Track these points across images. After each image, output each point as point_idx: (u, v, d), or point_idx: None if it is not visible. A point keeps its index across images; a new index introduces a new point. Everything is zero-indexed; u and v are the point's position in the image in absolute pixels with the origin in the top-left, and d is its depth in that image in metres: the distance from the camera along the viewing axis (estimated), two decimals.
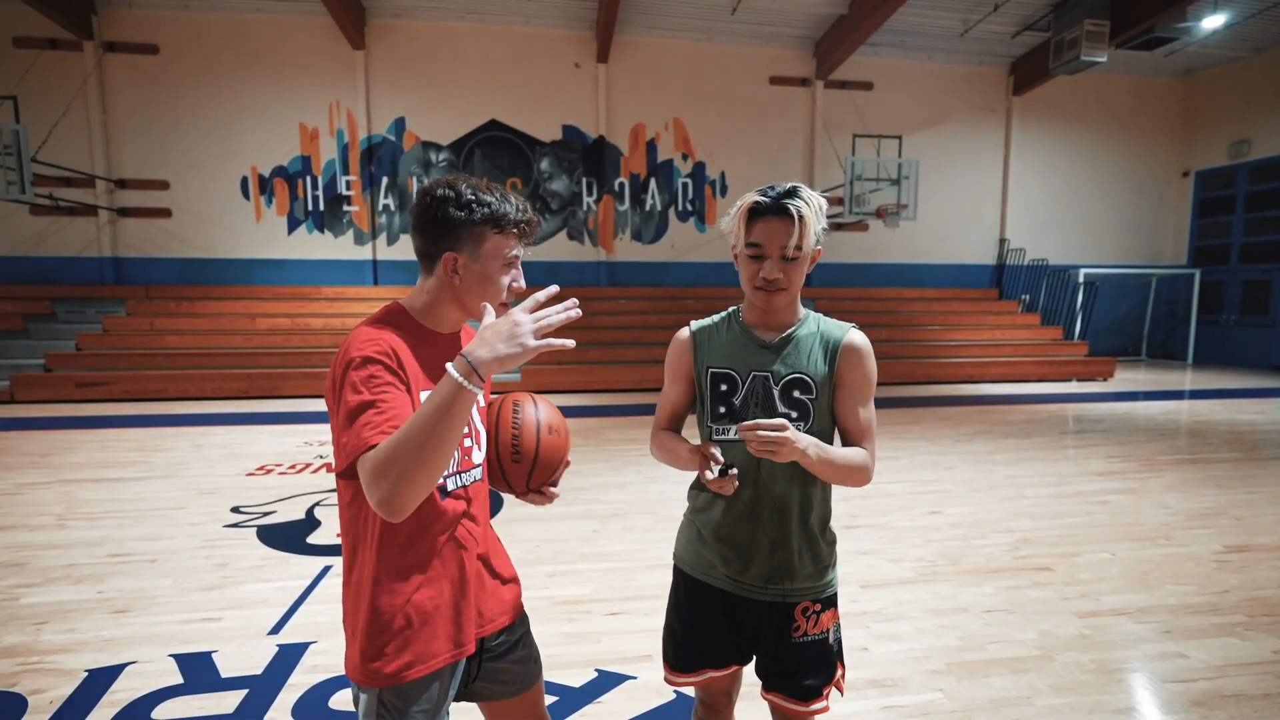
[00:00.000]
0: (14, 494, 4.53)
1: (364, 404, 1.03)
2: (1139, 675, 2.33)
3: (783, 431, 1.13)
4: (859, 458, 1.28)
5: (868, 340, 1.34)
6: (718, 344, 1.39)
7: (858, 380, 1.32)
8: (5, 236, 11.06)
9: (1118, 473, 5.16)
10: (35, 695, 2.19)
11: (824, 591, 1.37)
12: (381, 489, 0.96)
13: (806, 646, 1.34)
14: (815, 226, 1.26)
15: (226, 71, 11.42)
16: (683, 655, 1.42)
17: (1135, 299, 15.02)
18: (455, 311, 1.22)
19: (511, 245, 1.19)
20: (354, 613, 1.17)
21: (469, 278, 1.17)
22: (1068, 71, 11.57)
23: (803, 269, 1.29)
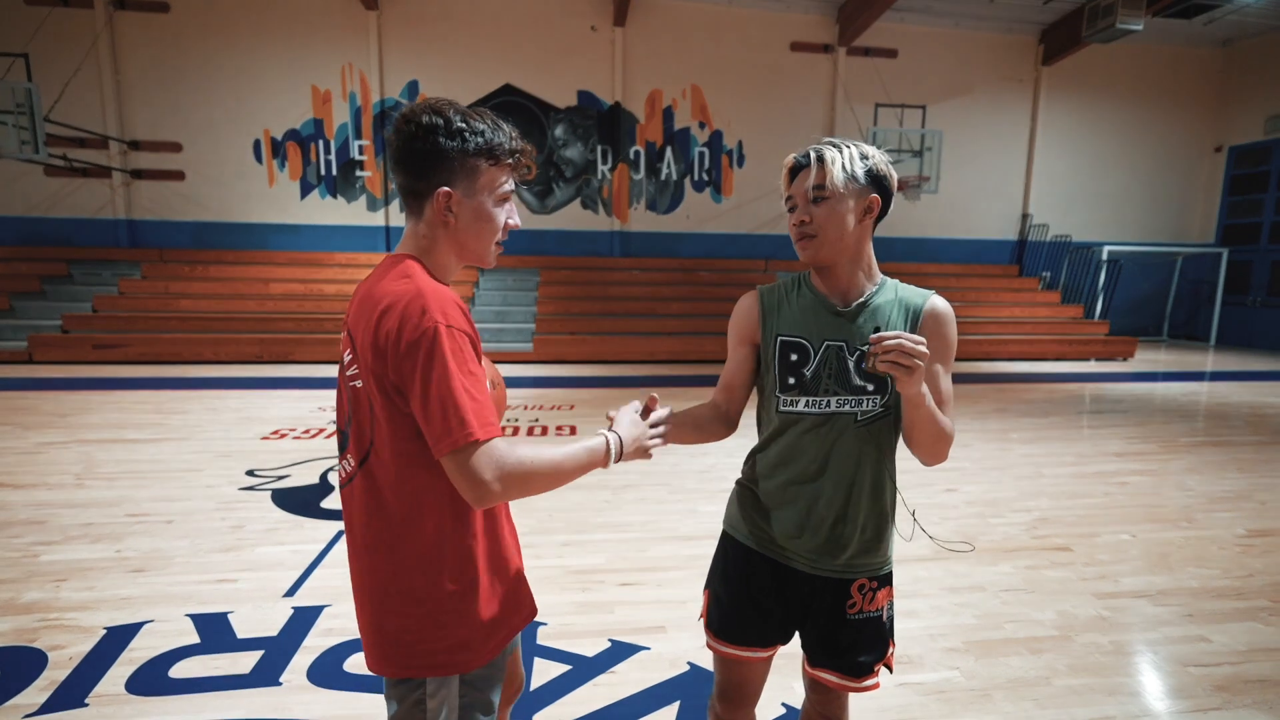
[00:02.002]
0: (34, 453, 4.58)
1: (466, 387, 0.95)
2: (1160, 658, 2.29)
3: (923, 348, 1.07)
4: (950, 425, 1.21)
5: (950, 307, 1.26)
6: (788, 310, 1.30)
7: (940, 348, 1.24)
8: (21, 197, 11.07)
9: (1137, 454, 5.08)
10: (55, 651, 2.22)
11: (882, 569, 1.32)
12: (498, 484, 0.95)
13: (863, 624, 1.30)
14: (846, 165, 1.19)
15: (238, 31, 11.24)
16: (729, 624, 1.36)
17: (1159, 278, 14.68)
18: (452, 258, 1.09)
19: (506, 178, 1.08)
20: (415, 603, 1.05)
21: (464, 215, 1.05)
22: (1101, 40, 11.15)
23: (838, 214, 1.20)
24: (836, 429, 1.25)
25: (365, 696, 2.01)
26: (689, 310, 10.98)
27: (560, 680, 2.12)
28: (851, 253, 1.25)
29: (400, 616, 1.05)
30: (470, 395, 0.95)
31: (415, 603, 1.05)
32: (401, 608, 1.05)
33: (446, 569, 1.05)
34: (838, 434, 1.25)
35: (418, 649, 1.05)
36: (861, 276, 1.27)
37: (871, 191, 1.22)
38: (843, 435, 1.25)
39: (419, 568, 1.04)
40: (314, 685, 2.06)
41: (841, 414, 1.25)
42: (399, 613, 1.05)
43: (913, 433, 1.19)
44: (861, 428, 1.25)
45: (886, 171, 1.24)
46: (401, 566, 1.05)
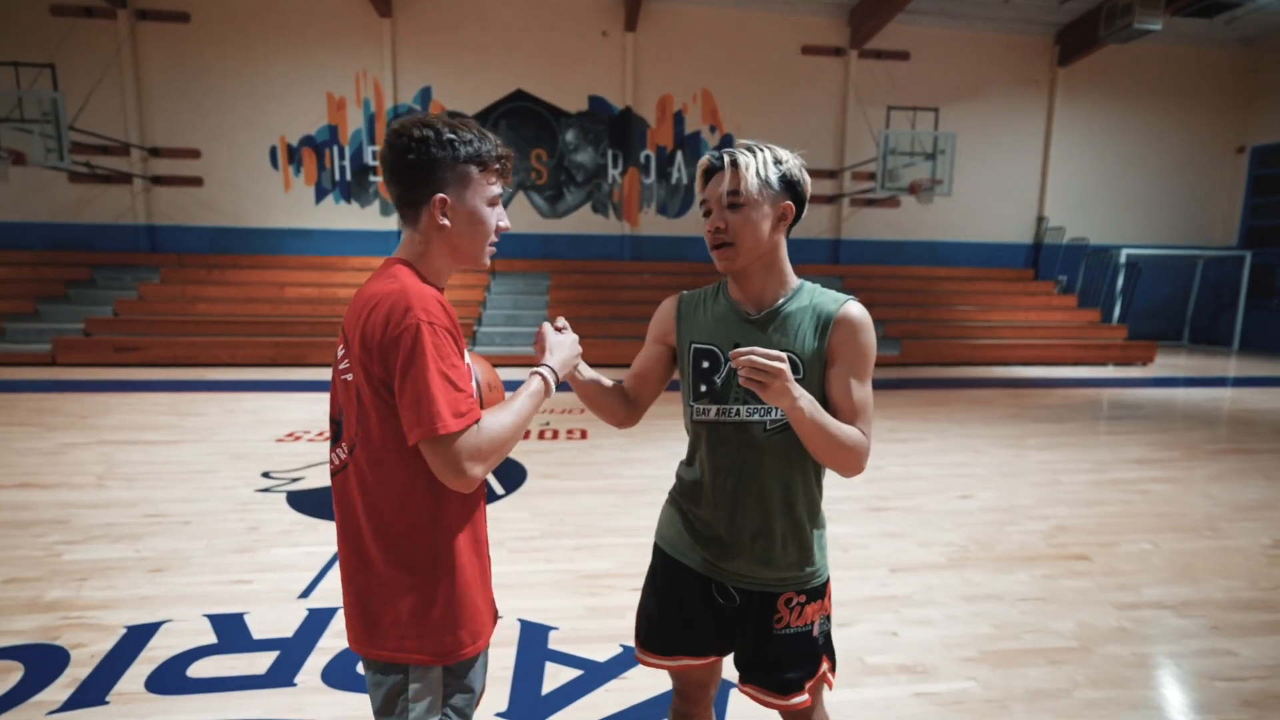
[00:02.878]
0: (57, 453, 4.66)
1: (447, 377, 1.00)
2: (1184, 672, 2.25)
3: (780, 363, 1.05)
4: (855, 435, 1.16)
5: (866, 313, 1.22)
6: (702, 317, 1.31)
7: (851, 355, 1.20)
8: (46, 203, 11.30)
9: (1158, 461, 4.99)
10: (77, 649, 2.25)
11: (809, 582, 1.28)
12: (477, 468, 1.01)
13: (789, 639, 1.27)
14: (760, 171, 1.17)
15: (255, 40, 11.41)
16: (656, 637, 1.36)
17: (1179, 281, 14.45)
18: (447, 262, 1.15)
19: (494, 182, 1.14)
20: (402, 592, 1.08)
21: (458, 219, 1.11)
22: (1119, 40, 11.03)
23: (752, 222, 1.18)
24: (747, 438, 1.23)
25: None
26: None
27: (572, 685, 2.11)
28: (765, 260, 1.23)
29: (386, 603, 1.09)
30: (447, 386, 1.00)
31: (402, 591, 1.08)
32: (387, 595, 1.09)
33: (432, 559, 1.09)
34: (749, 444, 1.23)
35: (404, 637, 1.08)
36: (775, 284, 1.25)
37: (786, 198, 1.21)
38: (753, 445, 1.23)
39: (405, 557, 1.08)
40: (328, 686, 2.08)
41: (751, 423, 1.23)
42: (385, 600, 1.09)
43: (805, 443, 1.16)
44: (771, 437, 1.22)
45: (800, 177, 1.22)
46: (388, 555, 1.08)
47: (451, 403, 0.99)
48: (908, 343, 10.66)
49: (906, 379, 9.00)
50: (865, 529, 3.50)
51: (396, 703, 1.10)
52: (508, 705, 2.00)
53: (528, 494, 3.98)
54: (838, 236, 13.21)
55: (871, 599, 2.71)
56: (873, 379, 1.22)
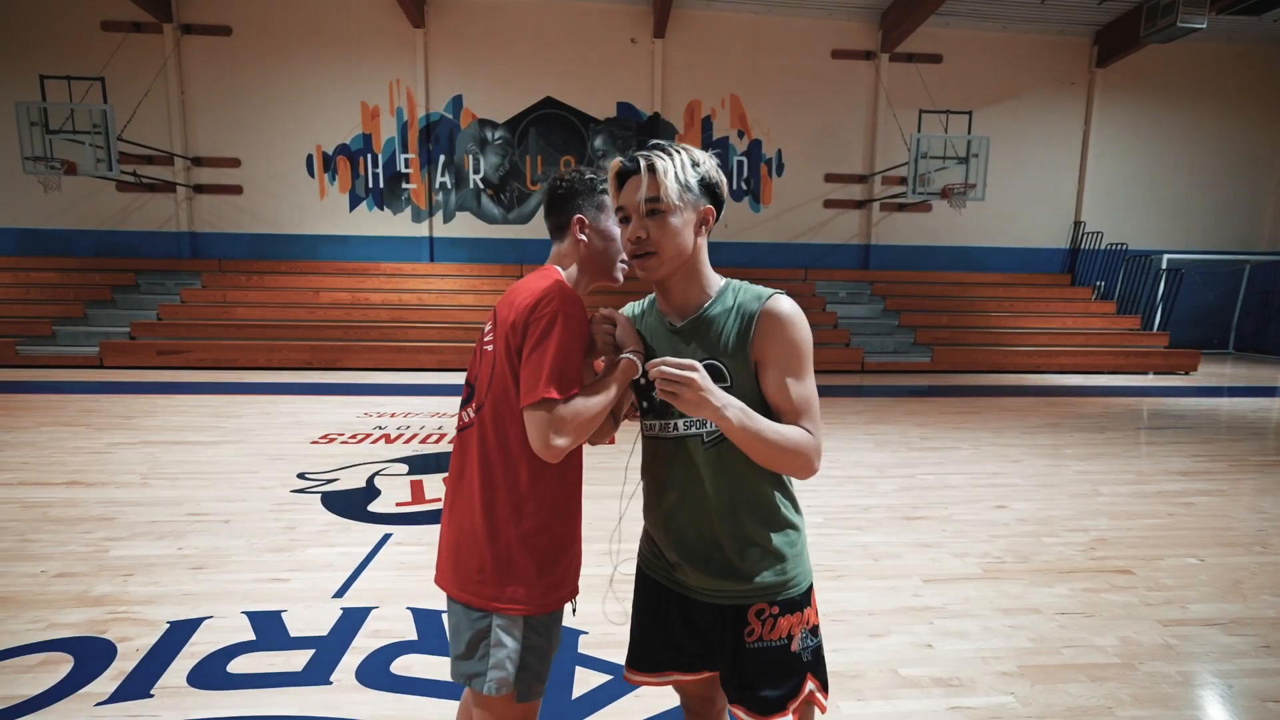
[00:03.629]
0: (104, 453, 4.84)
1: (567, 358, 1.16)
2: (1234, 692, 2.16)
3: (689, 372, 1.02)
4: (798, 436, 1.10)
5: (793, 305, 1.16)
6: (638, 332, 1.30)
7: (781, 352, 1.14)
8: (95, 211, 11.75)
9: (1203, 473, 4.82)
10: (123, 643, 2.33)
11: (780, 593, 1.21)
12: (568, 438, 1.14)
13: (763, 653, 1.20)
14: (679, 175, 1.13)
15: (294, 51, 11.74)
16: (640, 655, 1.34)
17: (1224, 287, 13.96)
18: (587, 277, 1.34)
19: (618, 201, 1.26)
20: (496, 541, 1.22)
21: (594, 236, 1.31)
22: (1161, 40, 10.72)
23: (674, 229, 1.14)
24: (687, 453, 1.21)
25: (412, 699, 2.05)
26: None
27: (602, 690, 2.12)
28: (686, 268, 1.19)
29: (479, 552, 1.22)
30: (564, 365, 1.15)
31: (497, 543, 1.22)
32: (482, 545, 1.22)
33: (528, 515, 1.22)
34: (689, 458, 1.20)
35: (490, 584, 1.21)
36: (697, 290, 1.21)
37: (705, 201, 1.18)
38: (695, 458, 1.20)
39: (505, 513, 1.22)
40: (363, 685, 2.11)
41: (689, 436, 1.20)
42: (478, 548, 1.23)
43: (744, 451, 1.11)
44: (710, 449, 1.19)
45: (718, 178, 1.19)
46: (490, 509, 1.22)
47: (560, 377, 1.15)
48: (939, 350, 10.48)
49: (938, 386, 8.83)
50: (898, 538, 3.44)
51: (479, 648, 1.21)
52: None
53: None
54: (868, 242, 13.06)
55: (905, 609, 2.67)
56: (906, 385, 1.19)
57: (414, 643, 2.37)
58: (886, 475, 4.61)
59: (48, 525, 3.41)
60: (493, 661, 1.20)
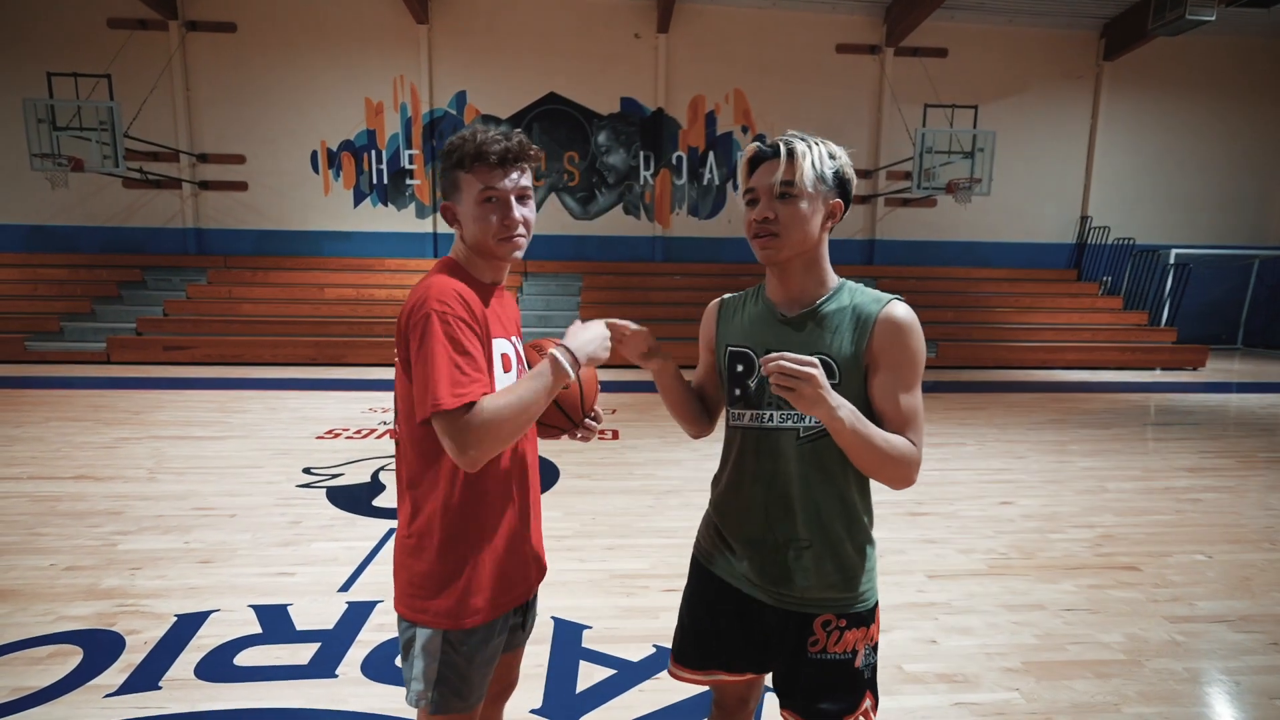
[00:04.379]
0: (112, 448, 4.87)
1: (455, 358, 1.08)
2: (1242, 689, 2.15)
3: (810, 368, 0.99)
4: (903, 446, 1.08)
5: (913, 314, 1.13)
6: (740, 319, 1.27)
7: (896, 360, 1.11)
8: (102, 208, 11.80)
9: (1211, 469, 4.79)
10: (132, 636, 2.34)
11: (851, 606, 1.19)
12: (479, 447, 1.05)
13: (826, 665, 1.18)
14: (816, 164, 1.12)
15: (298, 48, 11.74)
16: (688, 651, 1.32)
17: (1233, 282, 13.84)
18: (479, 259, 1.23)
19: (484, 180, 1.15)
20: (418, 559, 1.19)
21: (465, 222, 1.19)
22: (1169, 33, 10.62)
23: (802, 214, 1.12)
24: (779, 447, 1.18)
25: None
26: None
27: (605, 684, 2.12)
28: (807, 258, 1.17)
29: (406, 566, 1.21)
30: (452, 368, 1.07)
31: (414, 554, 1.19)
32: (406, 558, 1.21)
33: (441, 530, 1.18)
34: (780, 452, 1.17)
35: (414, 597, 1.19)
36: (814, 283, 1.19)
37: (836, 195, 1.15)
38: (785, 453, 1.17)
39: (421, 525, 1.19)
40: (368, 679, 2.12)
41: (784, 430, 1.17)
42: (405, 563, 1.21)
43: (848, 455, 1.08)
44: (804, 445, 1.16)
45: (851, 175, 1.17)
46: (409, 521, 1.21)
47: (452, 383, 1.06)
48: (944, 345, 10.43)
49: (943, 382, 8.80)
50: (902, 534, 3.44)
51: (409, 651, 1.22)
52: (542, 702, 2.01)
53: (560, 493, 4.01)
54: (872, 237, 13.00)
55: (910, 606, 2.66)
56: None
57: None
58: None
59: (56, 519, 3.43)
60: (413, 672, 1.20)
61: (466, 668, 1.19)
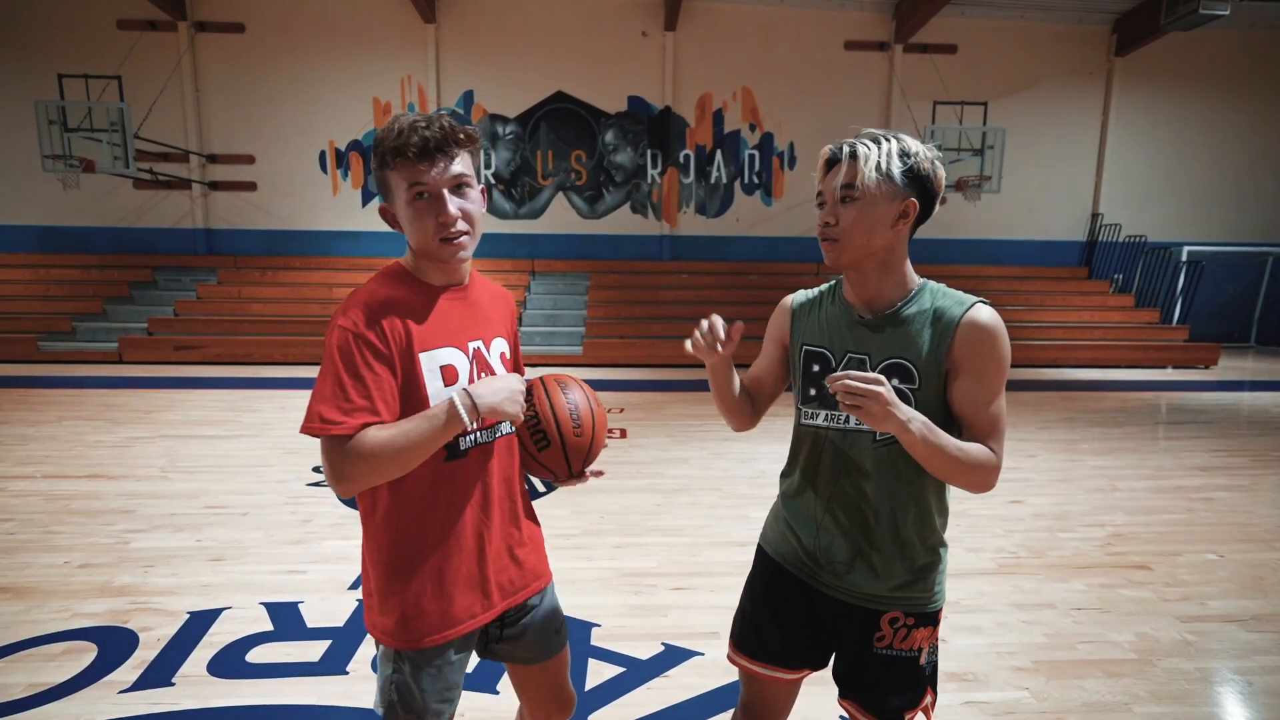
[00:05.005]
0: (124, 447, 4.91)
1: (345, 380, 1.02)
2: (1255, 689, 2.14)
3: (877, 386, 0.98)
4: (980, 454, 1.06)
5: (998, 318, 1.09)
6: (816, 318, 1.26)
7: (980, 365, 1.09)
8: (112, 209, 11.91)
9: (1223, 468, 4.75)
10: (145, 633, 2.37)
11: (921, 606, 1.19)
12: (352, 479, 1.02)
13: (891, 661, 1.19)
14: (881, 164, 1.08)
15: (306, 48, 11.80)
16: (749, 636, 1.32)
17: (1246, 280, 13.69)
18: (424, 261, 1.15)
19: (409, 176, 1.06)
20: (370, 574, 1.18)
21: (403, 224, 1.11)
22: (1182, 28, 10.50)
23: (866, 217, 1.10)
24: (855, 448, 1.18)
25: None
26: (739, 314, 10.59)
27: (614, 682, 2.13)
28: (880, 259, 1.15)
29: (366, 584, 1.21)
30: (336, 391, 1.01)
31: (368, 574, 1.19)
32: (365, 578, 1.21)
33: (384, 552, 1.15)
34: (856, 454, 1.17)
35: (370, 610, 1.19)
36: (891, 285, 1.16)
37: (909, 195, 1.11)
38: (860, 455, 1.17)
39: (369, 544, 1.18)
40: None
41: (861, 432, 1.17)
42: (365, 582, 1.21)
43: (924, 465, 1.08)
44: (880, 448, 1.15)
45: (929, 171, 1.12)
46: (365, 543, 1.20)
47: (329, 408, 1.00)
48: None
49: None
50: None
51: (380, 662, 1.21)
52: None
53: (568, 492, 4.02)
54: None
55: None
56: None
57: None
58: None
59: (70, 517, 3.47)
60: (379, 678, 1.19)
61: (415, 686, 1.15)
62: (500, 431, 1.21)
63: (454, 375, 1.13)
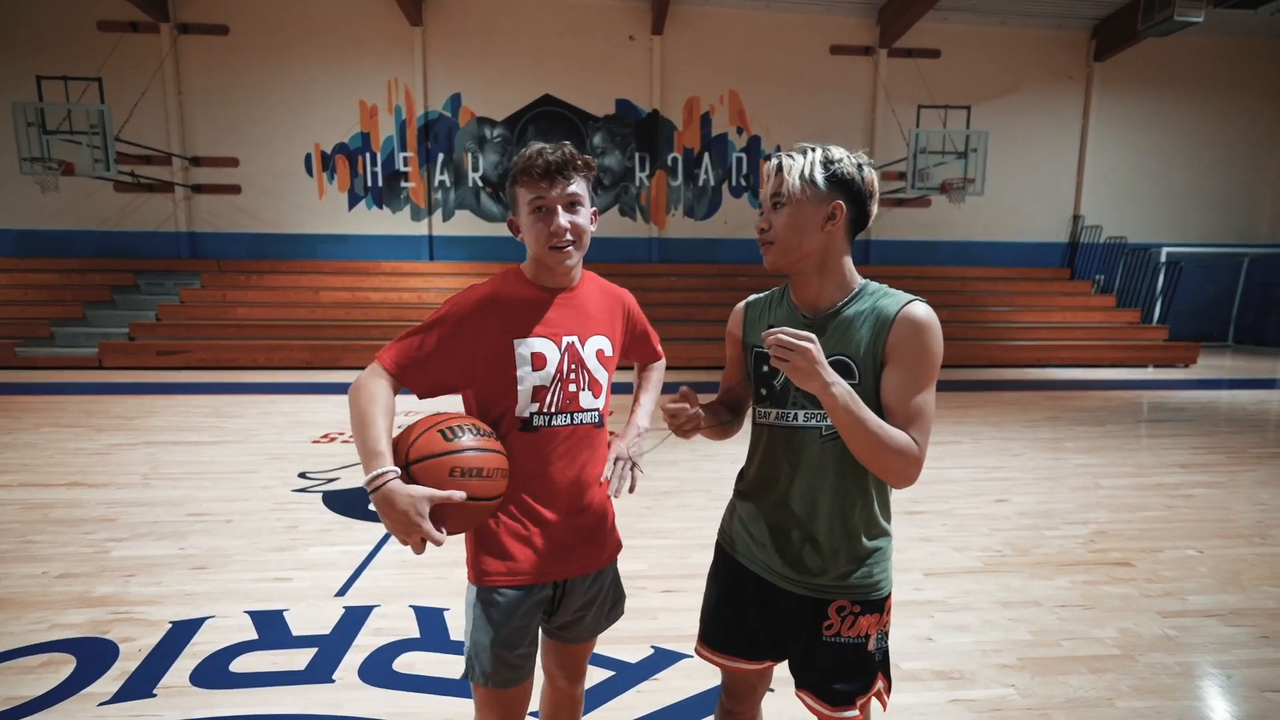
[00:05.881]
0: (105, 454, 4.84)
1: (414, 331, 1.26)
2: (1233, 682, 2.17)
3: (805, 342, 1.05)
4: (901, 439, 1.10)
5: (932, 315, 1.15)
6: (765, 320, 1.32)
7: (909, 357, 1.14)
8: (93, 212, 11.75)
9: (1203, 465, 4.83)
10: (126, 643, 2.33)
11: (866, 594, 1.25)
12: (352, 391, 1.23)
13: (839, 647, 1.24)
14: (805, 171, 1.16)
15: (291, 51, 11.72)
16: (712, 631, 1.39)
17: (1223, 280, 13.95)
18: (538, 265, 1.33)
19: (532, 191, 1.25)
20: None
21: (524, 232, 1.31)
22: (1158, 33, 10.70)
23: (793, 219, 1.18)
24: (803, 443, 1.23)
25: (414, 696, 2.06)
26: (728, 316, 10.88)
27: (603, 686, 2.12)
28: (816, 261, 1.21)
29: None
30: (405, 337, 1.26)
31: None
32: None
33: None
34: (804, 449, 1.23)
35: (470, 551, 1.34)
36: (832, 286, 1.22)
37: (836, 197, 1.17)
38: (809, 450, 1.22)
39: None
40: (365, 684, 2.12)
41: (808, 428, 1.22)
42: None
43: (844, 438, 1.11)
44: (827, 443, 1.21)
45: (854, 175, 1.18)
46: None
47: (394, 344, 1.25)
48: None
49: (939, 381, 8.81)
50: (898, 533, 3.41)
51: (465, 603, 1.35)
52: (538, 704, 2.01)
53: None
54: (868, 237, 13.05)
55: (906, 603, 2.67)
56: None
57: (416, 640, 2.38)
58: None
59: (49, 526, 3.41)
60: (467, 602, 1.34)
61: (486, 628, 1.28)
62: (576, 420, 1.33)
63: (542, 361, 1.29)
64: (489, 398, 1.30)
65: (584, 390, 1.33)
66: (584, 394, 1.33)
